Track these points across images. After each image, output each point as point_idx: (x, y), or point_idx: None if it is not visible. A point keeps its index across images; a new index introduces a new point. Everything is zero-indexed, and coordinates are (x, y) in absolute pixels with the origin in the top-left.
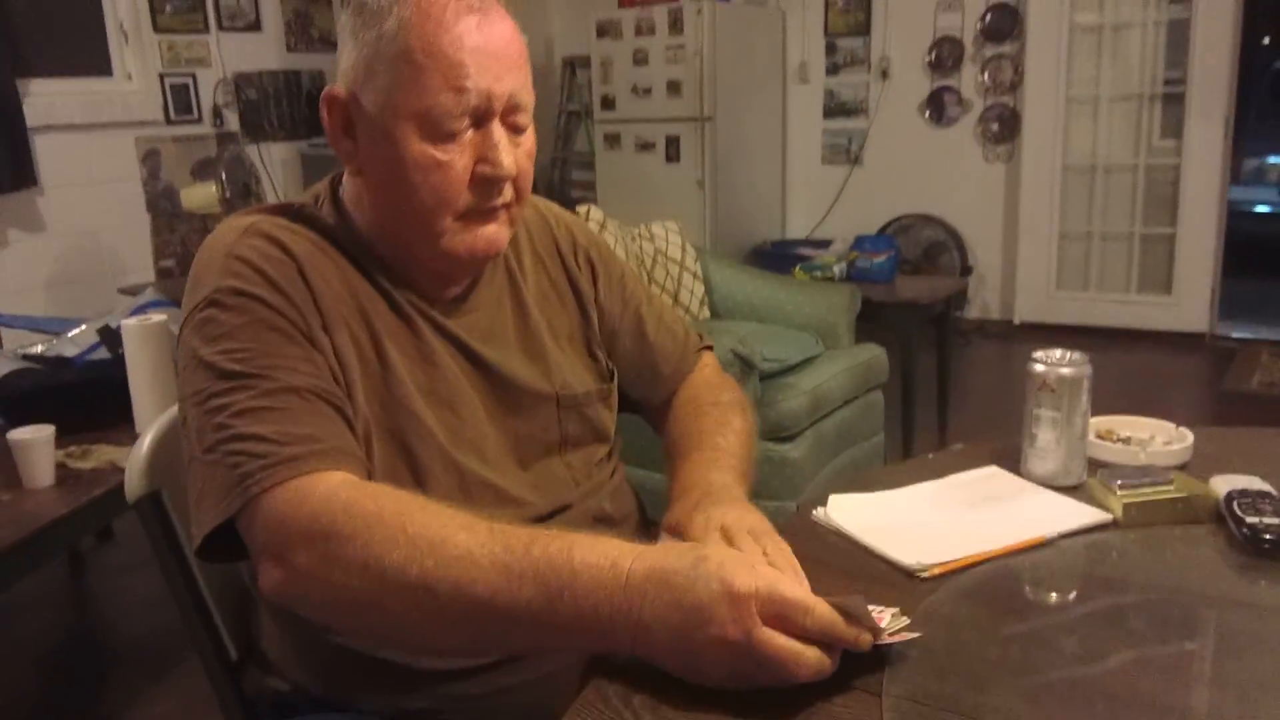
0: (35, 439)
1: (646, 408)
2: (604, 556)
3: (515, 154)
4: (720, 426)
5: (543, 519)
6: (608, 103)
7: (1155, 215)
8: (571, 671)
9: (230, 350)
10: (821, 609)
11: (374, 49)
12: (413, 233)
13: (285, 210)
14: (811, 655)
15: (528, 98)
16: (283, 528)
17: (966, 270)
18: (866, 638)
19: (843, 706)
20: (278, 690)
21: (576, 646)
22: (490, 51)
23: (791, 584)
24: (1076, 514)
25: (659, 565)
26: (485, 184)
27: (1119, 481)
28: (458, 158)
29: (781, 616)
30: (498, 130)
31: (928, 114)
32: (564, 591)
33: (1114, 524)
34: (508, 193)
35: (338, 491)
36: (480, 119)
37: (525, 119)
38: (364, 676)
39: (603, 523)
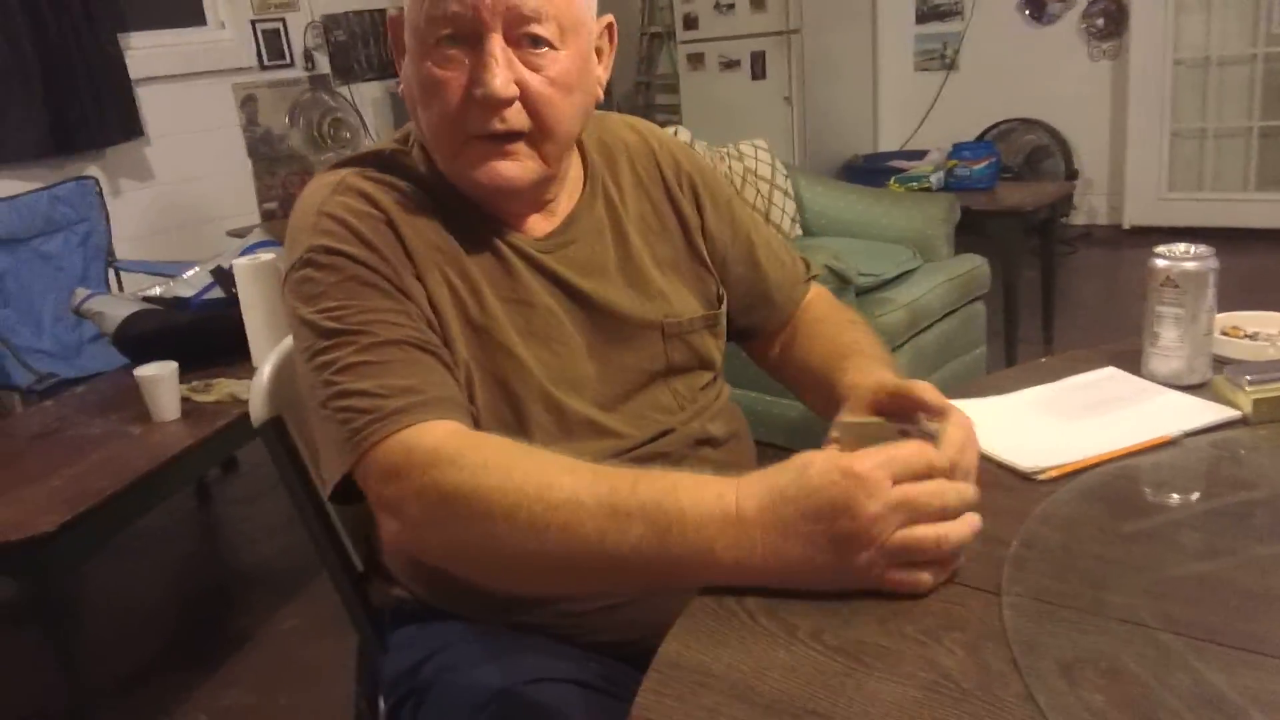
0: (160, 374)
1: (755, 337)
2: (708, 489)
3: (526, 76)
4: (867, 339)
5: (643, 446)
6: (690, 22)
7: (1274, 108)
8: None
9: (328, 309)
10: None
11: None
12: (443, 160)
13: (375, 159)
14: (964, 490)
15: (548, 8)
16: (393, 482)
17: (1072, 175)
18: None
19: (960, 605)
20: (401, 599)
21: (688, 584)
22: None
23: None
24: (1203, 412)
25: (770, 485)
26: (478, 108)
27: (1248, 377)
28: (455, 77)
29: (913, 471)
30: (493, 46)
31: (1027, 13)
32: (672, 527)
33: (1243, 421)
34: (513, 119)
35: (444, 442)
36: (474, 33)
37: (545, 32)
38: (477, 595)
39: (706, 444)
